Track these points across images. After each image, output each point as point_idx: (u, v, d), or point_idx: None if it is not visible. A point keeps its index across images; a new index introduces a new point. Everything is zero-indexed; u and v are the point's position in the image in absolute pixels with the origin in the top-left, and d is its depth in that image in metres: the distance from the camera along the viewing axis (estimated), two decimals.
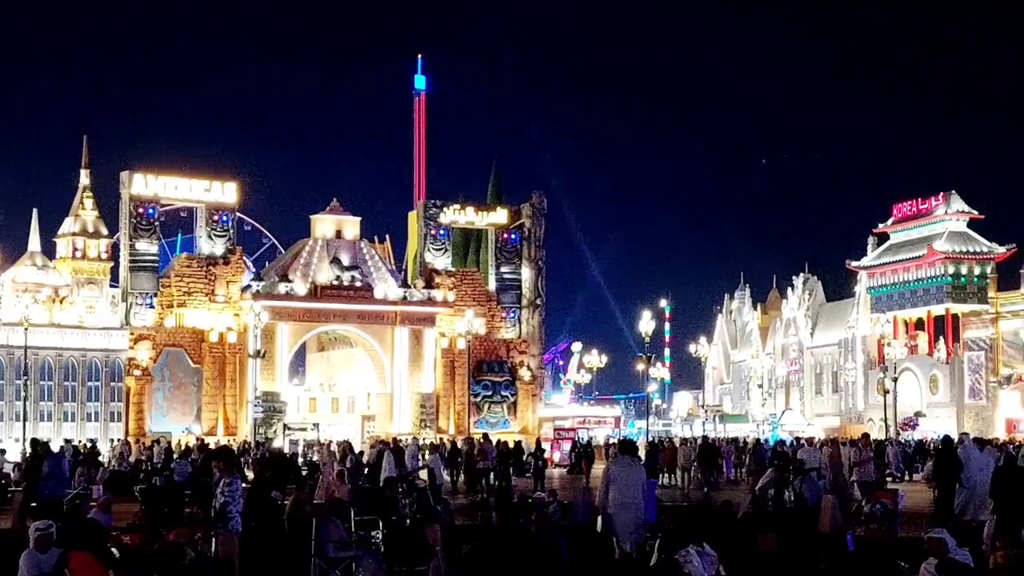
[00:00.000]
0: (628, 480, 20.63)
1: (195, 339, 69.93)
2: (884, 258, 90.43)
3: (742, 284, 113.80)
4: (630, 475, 20.79)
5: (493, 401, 76.58)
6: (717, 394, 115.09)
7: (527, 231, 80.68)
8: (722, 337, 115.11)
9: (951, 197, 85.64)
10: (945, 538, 14.44)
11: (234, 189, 72.66)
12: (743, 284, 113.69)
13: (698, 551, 14.74)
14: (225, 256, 71.45)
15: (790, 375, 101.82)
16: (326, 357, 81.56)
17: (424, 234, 77.93)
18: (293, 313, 71.19)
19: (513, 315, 79.65)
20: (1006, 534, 16.41)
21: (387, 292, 73.62)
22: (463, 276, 78.53)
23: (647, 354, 74.62)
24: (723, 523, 20.69)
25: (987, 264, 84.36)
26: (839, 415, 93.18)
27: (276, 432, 65.89)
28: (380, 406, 74.33)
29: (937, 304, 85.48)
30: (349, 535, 20.15)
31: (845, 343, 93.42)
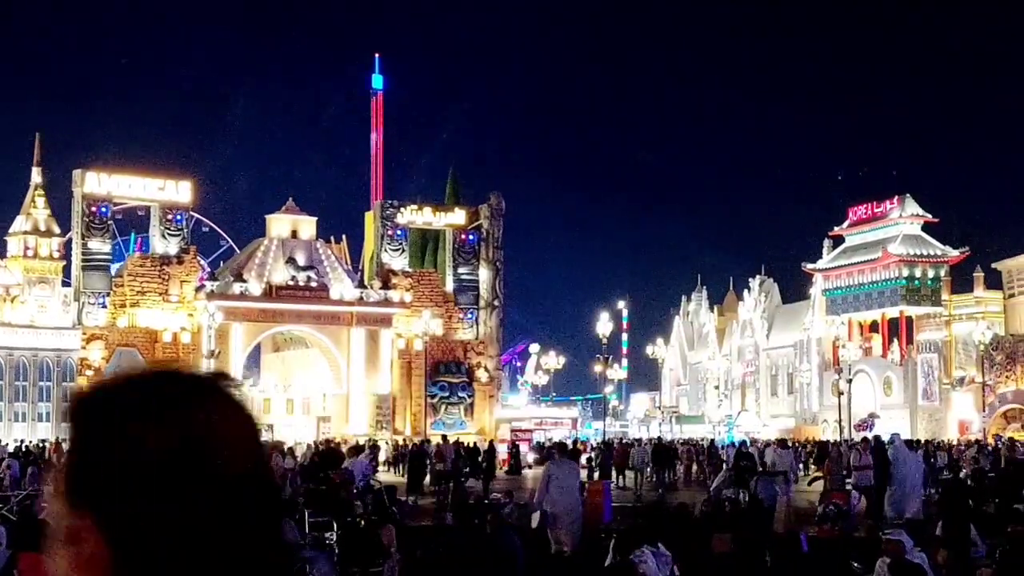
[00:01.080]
0: (566, 480, 21.14)
1: (148, 339, 69.44)
2: (839, 261, 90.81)
3: (699, 286, 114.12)
4: (568, 475, 21.38)
5: (450, 402, 76.41)
6: (674, 395, 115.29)
7: (485, 232, 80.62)
8: (679, 338, 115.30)
9: (906, 200, 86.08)
10: (903, 540, 14.47)
11: (188, 188, 72.27)
12: (700, 286, 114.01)
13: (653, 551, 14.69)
14: (179, 256, 71.01)
15: (746, 376, 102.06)
16: (281, 358, 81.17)
17: (381, 234, 77.71)
18: (248, 313, 70.81)
19: (470, 316, 79.55)
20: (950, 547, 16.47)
21: (343, 292, 73.36)
22: (420, 277, 78.33)
23: (604, 355, 74.63)
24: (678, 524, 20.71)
25: (940, 267, 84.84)
26: (794, 416, 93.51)
27: None
28: (336, 407, 74.01)
29: (891, 306, 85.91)
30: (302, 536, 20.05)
31: (800, 345, 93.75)
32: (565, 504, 20.80)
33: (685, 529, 20.28)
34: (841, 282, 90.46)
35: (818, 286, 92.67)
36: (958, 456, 50.44)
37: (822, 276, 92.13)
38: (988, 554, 16.10)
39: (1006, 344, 77.31)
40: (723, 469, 37.58)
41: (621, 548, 15.14)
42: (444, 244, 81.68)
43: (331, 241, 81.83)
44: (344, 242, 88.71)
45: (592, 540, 20.74)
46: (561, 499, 20.84)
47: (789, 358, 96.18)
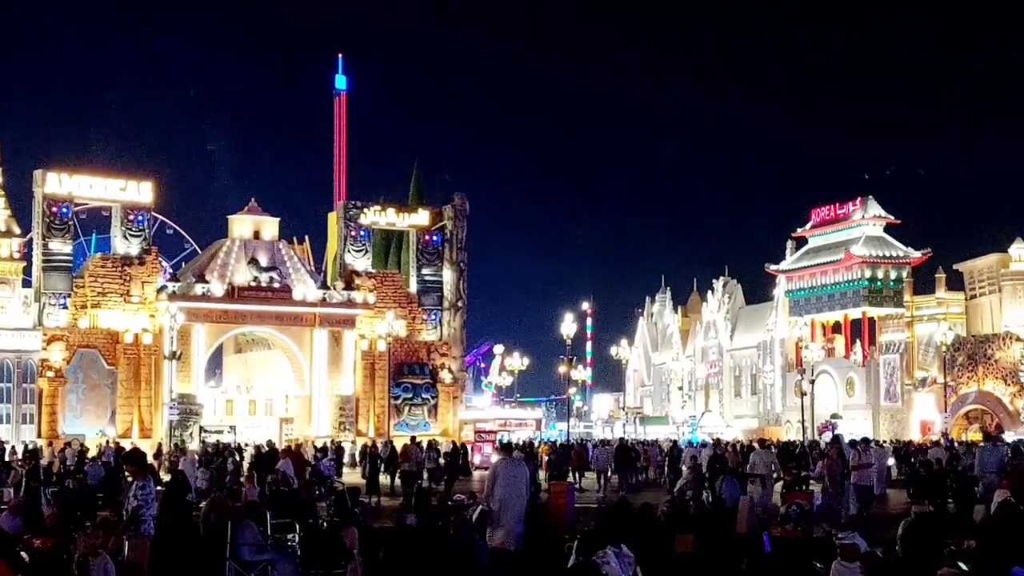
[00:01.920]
0: (514, 478, 21.61)
1: (110, 340, 69.03)
2: (802, 262, 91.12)
3: (663, 287, 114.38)
4: (515, 474, 21.79)
5: (414, 403, 76.24)
6: (638, 396, 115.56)
7: (448, 233, 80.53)
8: (643, 340, 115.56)
9: (868, 202, 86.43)
10: (857, 542, 14.53)
11: (150, 189, 71.85)
12: (664, 287, 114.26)
13: (615, 552, 14.69)
14: (140, 256, 70.63)
15: (710, 377, 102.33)
16: (244, 359, 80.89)
17: (344, 235, 77.53)
18: (210, 314, 70.47)
19: (434, 317, 79.44)
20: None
21: (306, 293, 73.12)
22: (384, 278, 78.19)
23: (568, 356, 74.70)
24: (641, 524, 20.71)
25: (903, 268, 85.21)
26: (757, 417, 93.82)
27: (192, 435, 65.16)
28: (298, 408, 73.77)
29: (854, 308, 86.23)
30: (265, 538, 19.97)
31: (764, 346, 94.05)
32: (510, 503, 21.29)
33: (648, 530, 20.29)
34: (804, 283, 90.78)
35: (781, 287, 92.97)
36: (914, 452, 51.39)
37: (785, 277, 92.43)
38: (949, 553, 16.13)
39: (968, 345, 77.74)
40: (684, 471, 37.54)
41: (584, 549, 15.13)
42: (408, 245, 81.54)
43: (294, 242, 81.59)
44: (307, 243, 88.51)
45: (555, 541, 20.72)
46: (506, 498, 21.32)
47: (752, 359, 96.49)
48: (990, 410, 75.81)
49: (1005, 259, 77.47)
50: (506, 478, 21.79)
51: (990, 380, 75.95)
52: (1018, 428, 71.22)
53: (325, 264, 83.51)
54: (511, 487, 21.55)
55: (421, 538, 20.25)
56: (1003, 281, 77.46)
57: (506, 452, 23.55)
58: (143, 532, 17.78)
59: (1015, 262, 76.80)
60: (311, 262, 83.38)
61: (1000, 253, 78.27)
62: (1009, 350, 75.30)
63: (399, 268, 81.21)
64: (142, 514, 17.71)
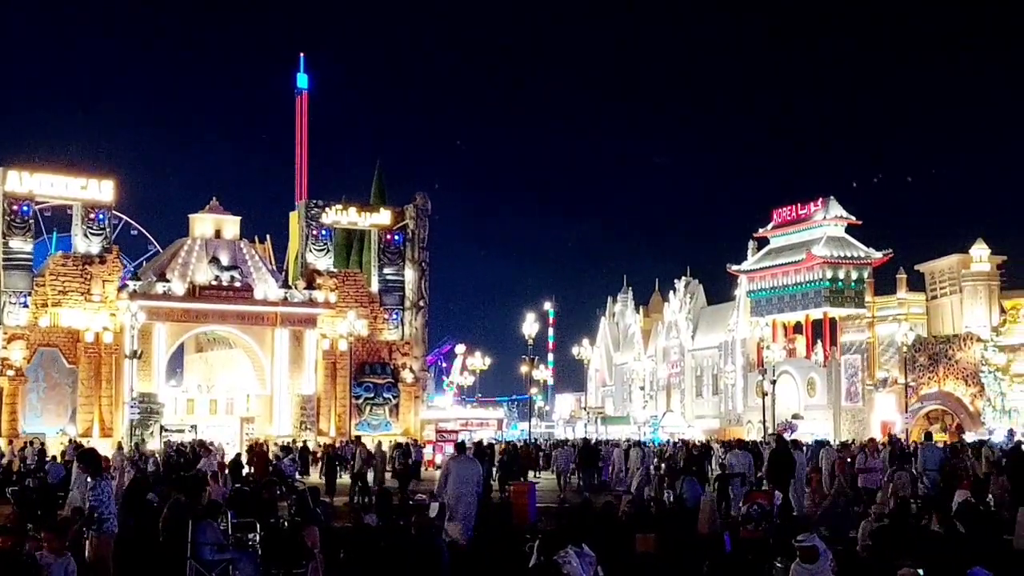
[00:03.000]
0: (466, 476, 23.18)
1: (70, 339, 68.60)
2: (764, 262, 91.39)
3: (625, 287, 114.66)
4: (468, 471, 23.36)
5: (375, 403, 76.06)
6: (599, 396, 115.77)
7: (410, 232, 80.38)
8: (605, 340, 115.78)
9: (829, 202, 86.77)
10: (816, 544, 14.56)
11: (111, 187, 71.43)
12: (626, 287, 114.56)
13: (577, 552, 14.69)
14: (101, 255, 70.23)
15: (671, 377, 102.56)
16: (205, 358, 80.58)
17: (305, 234, 77.29)
18: (171, 313, 70.14)
19: (396, 317, 79.28)
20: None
21: (267, 293, 72.88)
22: (345, 277, 77.99)
23: (530, 356, 74.71)
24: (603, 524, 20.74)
25: (864, 269, 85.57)
26: (719, 417, 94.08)
27: (153, 434, 64.86)
28: (260, 408, 73.54)
29: (815, 308, 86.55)
30: (226, 537, 19.90)
31: (725, 346, 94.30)
32: (461, 499, 22.66)
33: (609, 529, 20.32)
34: (765, 283, 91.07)
35: (743, 287, 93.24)
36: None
37: (747, 278, 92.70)
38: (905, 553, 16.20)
39: (929, 345, 78.15)
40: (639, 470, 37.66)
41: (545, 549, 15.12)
42: (369, 244, 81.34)
43: (255, 241, 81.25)
44: (268, 242, 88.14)
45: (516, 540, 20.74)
46: (457, 494, 22.69)
47: (714, 359, 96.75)
48: (951, 410, 76.24)
49: (966, 260, 77.92)
50: (458, 475, 23.10)
51: (951, 380, 76.37)
52: (979, 429, 71.67)
53: (286, 263, 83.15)
54: (463, 484, 22.78)
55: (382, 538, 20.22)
56: (964, 282, 77.91)
57: (459, 450, 24.98)
58: (106, 531, 17.71)
59: (976, 263, 77.26)
60: (272, 261, 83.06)
61: (961, 254, 78.72)
62: (970, 351, 75.75)
63: (361, 268, 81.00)
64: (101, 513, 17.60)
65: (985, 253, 77.07)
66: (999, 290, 77.28)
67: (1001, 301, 76.42)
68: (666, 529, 21.82)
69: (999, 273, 77.83)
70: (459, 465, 23.53)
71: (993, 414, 73.58)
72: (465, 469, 23.42)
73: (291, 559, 18.90)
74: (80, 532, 18.19)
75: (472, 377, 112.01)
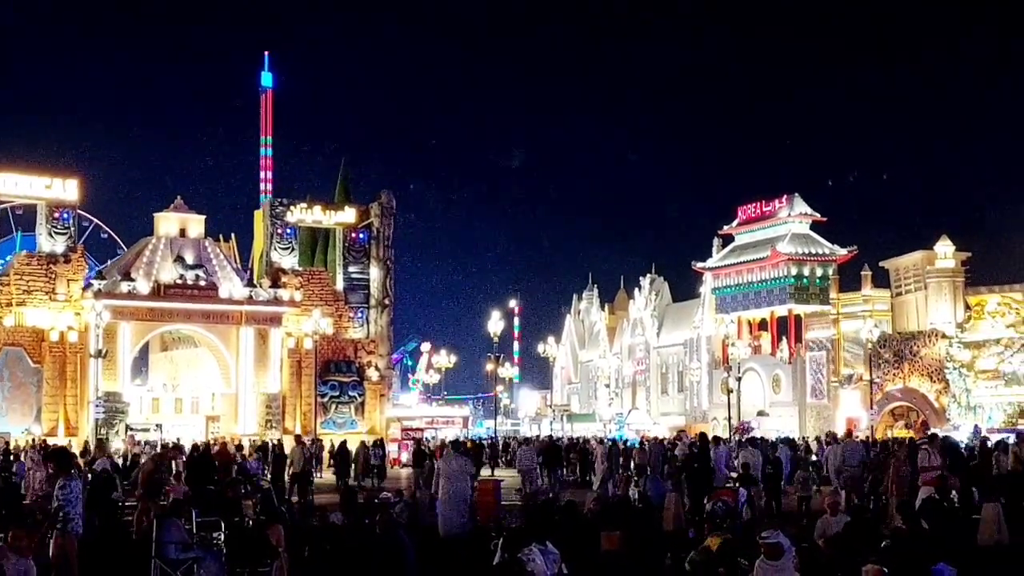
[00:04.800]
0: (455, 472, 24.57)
1: (35, 338, 68.21)
2: (729, 259, 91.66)
3: (590, 284, 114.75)
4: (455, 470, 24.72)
5: (340, 401, 75.87)
6: (565, 394, 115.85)
7: (376, 230, 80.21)
8: (570, 337, 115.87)
9: (794, 200, 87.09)
10: (780, 540, 14.58)
11: (75, 186, 71.03)
12: (591, 284, 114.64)
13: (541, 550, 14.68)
14: (66, 254, 69.86)
15: (637, 375, 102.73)
16: (170, 357, 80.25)
17: (270, 233, 77.03)
18: (136, 312, 69.81)
19: (361, 315, 79.11)
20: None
21: (232, 291, 72.60)
22: (310, 275, 77.75)
23: (496, 354, 74.71)
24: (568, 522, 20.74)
25: (829, 266, 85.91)
26: (684, 414, 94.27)
27: (118, 433, 64.56)
28: (225, 407, 73.33)
29: (780, 305, 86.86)
30: (190, 536, 19.86)
31: (690, 343, 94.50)
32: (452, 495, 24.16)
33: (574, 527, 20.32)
34: (731, 280, 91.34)
35: (708, 285, 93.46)
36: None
37: (712, 275, 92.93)
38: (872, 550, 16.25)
39: (893, 342, 78.50)
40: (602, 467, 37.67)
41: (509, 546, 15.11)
42: (334, 243, 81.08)
43: (220, 240, 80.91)
44: (233, 240, 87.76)
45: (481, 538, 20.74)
46: (448, 490, 24.20)
47: (679, 356, 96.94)
48: (916, 407, 76.61)
49: (930, 256, 78.30)
50: (448, 472, 24.58)
51: (915, 377, 76.76)
52: (943, 425, 72.04)
53: (251, 262, 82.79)
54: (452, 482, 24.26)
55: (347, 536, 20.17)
56: (928, 278, 78.27)
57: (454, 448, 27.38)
58: (71, 531, 17.65)
59: (940, 259, 77.63)
60: (237, 260, 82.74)
61: (925, 250, 79.10)
62: (934, 347, 76.15)
63: (326, 266, 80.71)
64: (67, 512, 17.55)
65: (950, 250, 77.46)
66: (963, 287, 77.67)
67: (965, 298, 76.82)
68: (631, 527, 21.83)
69: (963, 270, 78.23)
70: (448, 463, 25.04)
71: (958, 410, 74.02)
72: (453, 468, 24.80)
73: (256, 557, 18.87)
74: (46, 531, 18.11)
75: (438, 375, 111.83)
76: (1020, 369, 72.78)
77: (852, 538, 17.81)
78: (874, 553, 15.54)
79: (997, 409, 72.96)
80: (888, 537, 17.52)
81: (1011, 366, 73.26)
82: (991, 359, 74.17)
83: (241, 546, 19.51)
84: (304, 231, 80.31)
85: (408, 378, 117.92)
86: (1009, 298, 75.18)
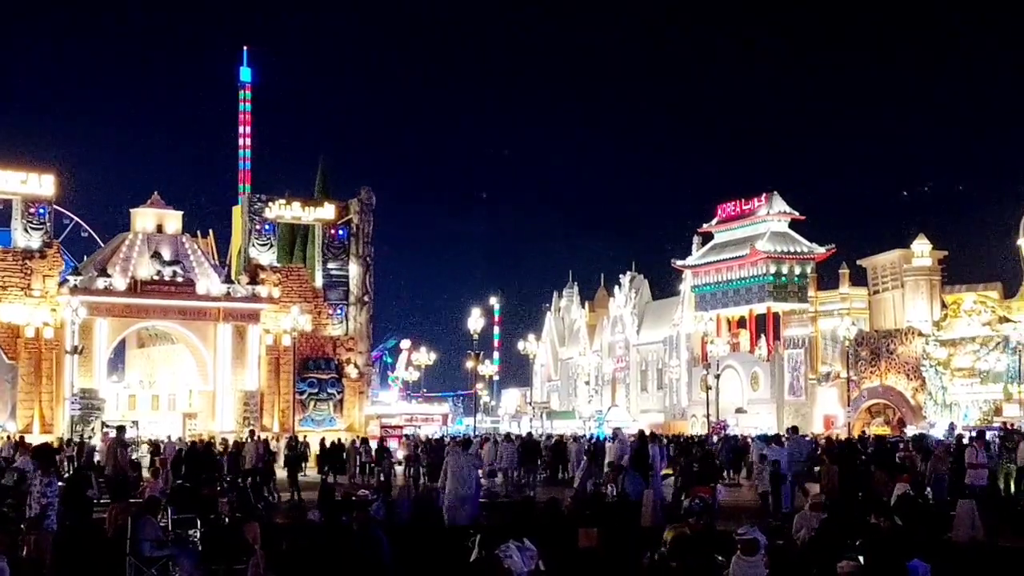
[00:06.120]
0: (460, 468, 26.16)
1: (10, 335, 67.80)
2: (708, 257, 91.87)
3: (570, 282, 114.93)
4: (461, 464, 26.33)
5: (319, 399, 75.60)
6: (545, 391, 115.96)
7: (355, 227, 79.91)
8: (550, 334, 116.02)
9: (773, 198, 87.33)
10: (757, 536, 14.60)
11: (51, 181, 70.59)
12: (571, 282, 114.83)
13: (518, 546, 14.67)
14: (42, 250, 69.48)
15: (616, 372, 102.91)
16: (147, 354, 79.85)
17: (249, 229, 76.65)
18: (112, 308, 69.45)
19: (340, 312, 78.83)
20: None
21: (210, 288, 72.28)
22: (289, 272, 77.38)
23: (475, 351, 74.69)
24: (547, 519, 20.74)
25: (807, 264, 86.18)
26: (663, 411, 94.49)
27: (94, 430, 64.26)
28: (202, 404, 73.01)
29: (759, 303, 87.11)
30: (165, 534, 19.78)
31: (670, 341, 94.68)
32: (458, 489, 25.78)
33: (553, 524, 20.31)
34: (710, 278, 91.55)
35: (687, 282, 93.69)
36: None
37: (691, 273, 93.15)
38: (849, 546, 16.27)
39: (871, 340, 78.78)
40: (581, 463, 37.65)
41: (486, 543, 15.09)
42: (313, 239, 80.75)
43: (198, 236, 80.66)
44: (211, 237, 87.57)
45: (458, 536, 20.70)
46: (455, 485, 25.86)
47: (659, 353, 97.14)
48: (892, 404, 76.91)
49: (907, 255, 78.58)
50: (453, 468, 26.21)
51: (892, 374, 77.04)
52: (920, 422, 72.32)
53: (229, 258, 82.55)
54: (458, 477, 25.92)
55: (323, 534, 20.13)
56: (905, 277, 78.55)
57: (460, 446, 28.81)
58: (46, 528, 17.59)
59: (917, 258, 77.90)
60: (215, 256, 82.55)
61: (902, 249, 79.40)
62: (911, 345, 76.43)
63: (304, 262, 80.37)
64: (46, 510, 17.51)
65: (926, 248, 77.73)
66: (940, 285, 77.99)
67: (942, 296, 77.12)
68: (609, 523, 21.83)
69: (940, 268, 78.55)
70: (453, 460, 26.72)
71: (934, 408, 74.30)
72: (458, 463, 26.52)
73: (232, 555, 18.78)
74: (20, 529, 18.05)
75: (417, 372, 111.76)
76: (996, 367, 73.05)
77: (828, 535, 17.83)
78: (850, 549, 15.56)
79: (973, 407, 73.26)
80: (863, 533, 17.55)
81: (987, 364, 73.54)
82: (967, 357, 74.45)
83: (217, 543, 19.43)
84: (283, 227, 79.96)
85: (388, 375, 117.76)
86: (985, 296, 75.47)
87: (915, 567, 14.46)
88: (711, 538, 17.55)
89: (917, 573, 14.45)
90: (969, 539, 23.23)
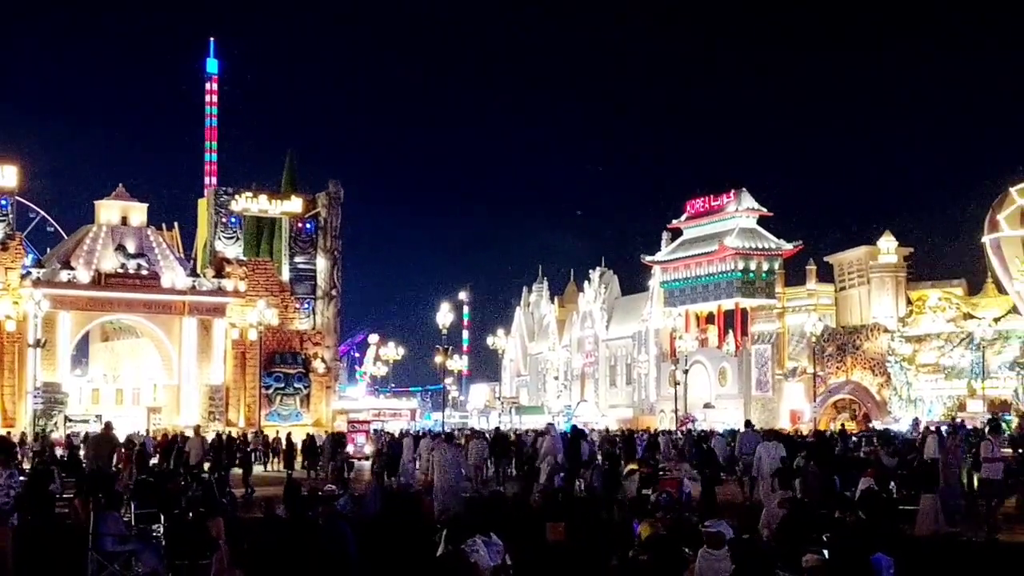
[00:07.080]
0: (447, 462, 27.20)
1: None
2: (677, 253, 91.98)
3: (540, 277, 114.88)
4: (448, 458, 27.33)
5: (286, 393, 75.28)
6: (514, 386, 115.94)
7: (323, 220, 79.65)
8: (520, 329, 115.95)
9: (742, 194, 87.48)
10: (723, 530, 14.57)
11: (14, 172, 70.03)
12: (541, 277, 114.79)
13: (484, 541, 14.58)
14: (4, 242, 68.89)
15: (585, 367, 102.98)
16: (111, 347, 79.36)
17: (215, 222, 76.25)
18: (75, 301, 68.95)
19: (307, 306, 78.57)
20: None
21: (175, 281, 71.89)
22: (255, 266, 77.01)
23: (444, 346, 74.45)
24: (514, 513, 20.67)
25: (775, 260, 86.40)
26: (632, 407, 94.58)
27: (57, 424, 63.84)
28: (167, 398, 72.58)
29: (727, 298, 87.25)
30: (128, 528, 19.59)
31: (639, 336, 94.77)
32: (446, 481, 26.69)
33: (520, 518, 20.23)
34: (679, 274, 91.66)
35: (656, 278, 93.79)
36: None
37: (660, 268, 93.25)
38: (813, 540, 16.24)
39: (837, 336, 79.13)
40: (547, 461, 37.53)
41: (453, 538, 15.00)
42: (280, 233, 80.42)
43: (163, 228, 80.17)
44: (176, 229, 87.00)
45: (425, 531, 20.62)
46: (442, 477, 26.85)
47: (628, 349, 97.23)
48: (858, 399, 77.22)
49: (873, 252, 78.97)
50: (441, 462, 27.18)
51: (858, 370, 77.40)
52: (885, 417, 72.66)
53: (195, 251, 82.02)
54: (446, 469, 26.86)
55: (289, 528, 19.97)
56: (871, 273, 78.93)
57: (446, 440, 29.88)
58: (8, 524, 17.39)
59: (883, 255, 78.29)
60: (180, 249, 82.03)
61: (869, 246, 79.81)
62: (876, 341, 76.81)
63: (271, 256, 80.00)
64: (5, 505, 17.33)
65: (892, 245, 78.11)
66: (906, 282, 78.43)
67: (907, 292, 77.56)
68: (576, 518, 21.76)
69: (906, 265, 79.00)
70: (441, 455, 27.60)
71: (899, 403, 74.70)
72: (446, 457, 27.37)
73: (196, 550, 18.61)
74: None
75: (385, 367, 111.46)
76: (960, 363, 73.46)
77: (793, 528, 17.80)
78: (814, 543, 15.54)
79: (937, 402, 73.71)
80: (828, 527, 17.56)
81: (951, 360, 73.98)
82: (932, 353, 74.89)
83: (181, 538, 19.25)
84: (249, 221, 79.55)
85: (355, 370, 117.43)
86: (949, 293, 75.91)
87: (878, 560, 14.45)
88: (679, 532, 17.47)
89: (880, 566, 14.43)
90: (931, 533, 23.41)
